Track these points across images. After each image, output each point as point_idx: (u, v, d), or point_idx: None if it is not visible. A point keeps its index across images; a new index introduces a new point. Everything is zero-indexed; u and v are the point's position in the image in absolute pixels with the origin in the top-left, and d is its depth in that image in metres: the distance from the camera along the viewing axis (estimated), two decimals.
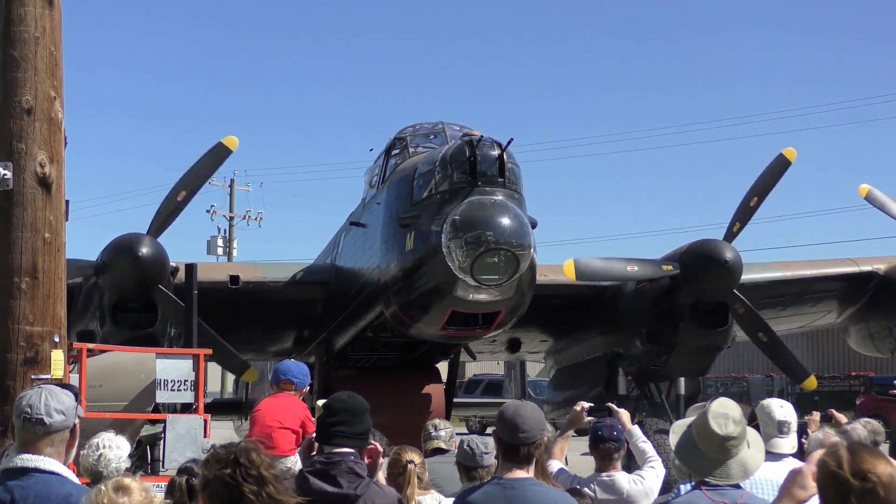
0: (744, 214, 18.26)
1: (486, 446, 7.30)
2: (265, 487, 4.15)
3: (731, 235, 18.05)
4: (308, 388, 11.48)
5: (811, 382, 19.68)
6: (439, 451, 8.94)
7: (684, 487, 5.28)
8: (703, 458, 5.12)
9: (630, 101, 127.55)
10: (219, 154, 17.61)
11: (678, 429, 5.39)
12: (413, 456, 7.34)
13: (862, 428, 7.77)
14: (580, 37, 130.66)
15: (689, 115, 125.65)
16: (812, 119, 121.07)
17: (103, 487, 4.38)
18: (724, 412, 5.15)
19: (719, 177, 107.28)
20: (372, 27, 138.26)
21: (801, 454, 7.69)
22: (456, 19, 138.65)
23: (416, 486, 7.26)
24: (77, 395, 5.09)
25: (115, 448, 7.65)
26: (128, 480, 4.45)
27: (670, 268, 17.73)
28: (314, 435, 5.89)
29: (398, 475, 7.22)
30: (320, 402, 11.15)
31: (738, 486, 5.12)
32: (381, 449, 5.98)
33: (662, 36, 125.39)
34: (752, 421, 7.19)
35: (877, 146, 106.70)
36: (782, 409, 7.28)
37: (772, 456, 7.05)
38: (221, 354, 17.30)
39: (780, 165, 18.53)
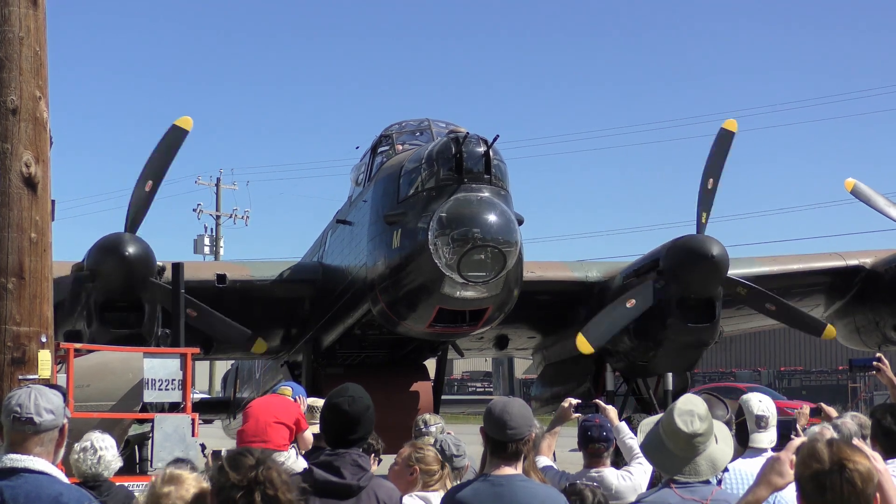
0: (706, 201, 18.09)
1: (458, 448, 7.27)
2: None
3: (702, 226, 17.96)
4: (298, 401, 11.51)
5: (830, 332, 19.44)
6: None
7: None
8: (671, 456, 5.12)
9: (619, 97, 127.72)
10: (176, 137, 17.38)
11: (645, 427, 5.39)
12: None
13: (851, 421, 7.77)
14: (566, 33, 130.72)
15: (678, 111, 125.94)
16: (799, 113, 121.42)
17: (156, 479, 4.47)
18: (689, 409, 5.14)
19: None
20: (358, 25, 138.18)
21: None
22: (442, 17, 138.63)
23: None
24: (65, 395, 5.10)
25: (109, 449, 7.68)
26: (179, 471, 4.54)
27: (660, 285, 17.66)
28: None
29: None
30: (310, 400, 11.18)
31: (707, 482, 5.13)
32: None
33: (650, 32, 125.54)
34: (740, 416, 7.18)
35: (864, 140, 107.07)
36: (761, 403, 7.24)
37: (752, 451, 7.03)
38: (221, 329, 17.34)
39: (725, 140, 18.38)
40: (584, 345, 17.47)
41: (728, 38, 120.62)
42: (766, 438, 7.17)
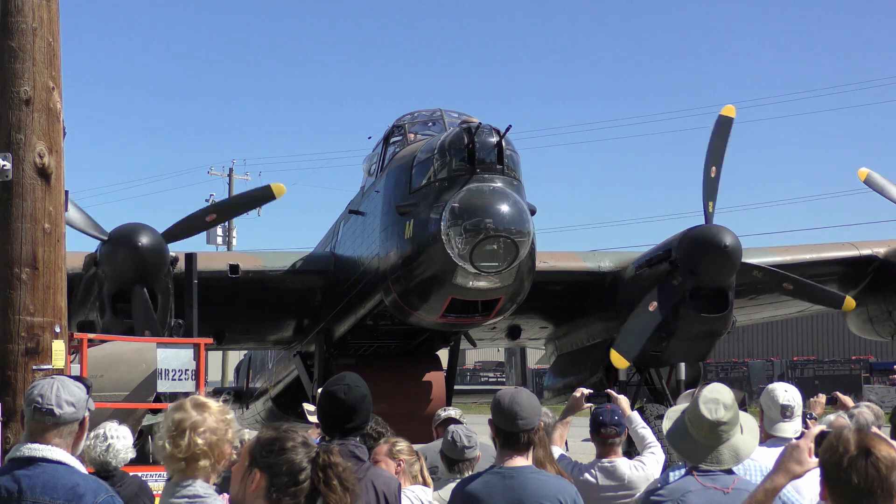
0: (710, 189, 17.99)
1: (470, 440, 7.29)
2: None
3: (710, 215, 17.91)
4: None
5: (849, 303, 19.40)
6: (452, 420, 9.00)
7: (673, 474, 5.27)
8: (695, 443, 5.13)
9: (633, 87, 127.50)
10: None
11: (672, 415, 5.39)
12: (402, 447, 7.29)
13: (867, 411, 7.80)
14: (579, 23, 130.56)
15: (690, 101, 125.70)
16: (812, 103, 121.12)
17: (185, 402, 4.46)
18: (714, 397, 5.14)
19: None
20: (370, 15, 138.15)
21: None
22: (455, 8, 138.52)
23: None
24: (89, 389, 5.10)
25: (121, 438, 7.69)
26: (204, 398, 4.51)
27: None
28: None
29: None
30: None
31: (730, 472, 5.13)
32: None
33: (663, 20, 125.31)
34: (742, 406, 7.18)
35: (877, 130, 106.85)
36: (786, 393, 7.23)
37: (775, 441, 7.03)
38: (245, 203, 18.74)
39: (724, 126, 18.31)
40: (619, 360, 17.50)
41: (745, 28, 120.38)
42: (790, 428, 7.17)
